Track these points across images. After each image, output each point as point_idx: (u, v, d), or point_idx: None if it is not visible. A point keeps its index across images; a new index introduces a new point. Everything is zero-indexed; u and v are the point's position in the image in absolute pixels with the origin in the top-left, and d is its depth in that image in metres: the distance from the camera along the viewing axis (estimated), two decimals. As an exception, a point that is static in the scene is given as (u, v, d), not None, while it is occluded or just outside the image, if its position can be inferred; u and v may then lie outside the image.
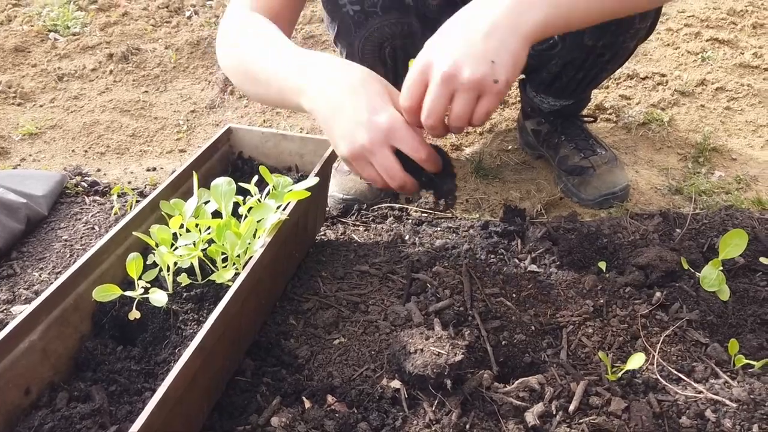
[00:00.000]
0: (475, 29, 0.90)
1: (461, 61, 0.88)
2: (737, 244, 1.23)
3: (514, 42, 0.90)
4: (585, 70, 1.53)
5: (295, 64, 1.06)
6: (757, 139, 1.98)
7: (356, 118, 0.96)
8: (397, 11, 1.37)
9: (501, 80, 0.89)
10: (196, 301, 1.09)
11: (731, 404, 1.00)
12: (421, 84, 0.93)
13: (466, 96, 0.90)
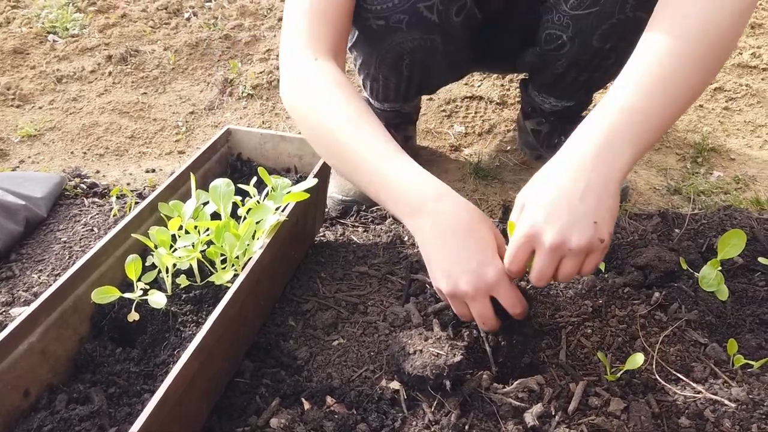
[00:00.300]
0: (571, 193, 0.92)
1: (567, 230, 0.91)
2: (735, 244, 1.23)
3: (609, 196, 0.93)
4: (589, 71, 1.53)
5: (409, 178, 1.05)
6: (755, 139, 1.98)
7: (465, 264, 0.98)
8: (422, 29, 1.36)
9: (605, 238, 0.93)
10: (195, 302, 1.09)
11: (730, 404, 1.00)
12: (528, 250, 0.96)
13: (575, 260, 0.94)
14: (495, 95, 2.26)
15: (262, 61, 2.53)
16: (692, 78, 0.97)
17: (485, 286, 0.98)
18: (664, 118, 0.97)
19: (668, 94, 0.96)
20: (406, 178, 1.05)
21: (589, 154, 0.93)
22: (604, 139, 0.94)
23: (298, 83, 1.18)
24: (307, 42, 1.19)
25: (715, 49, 0.98)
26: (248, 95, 2.32)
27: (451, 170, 1.92)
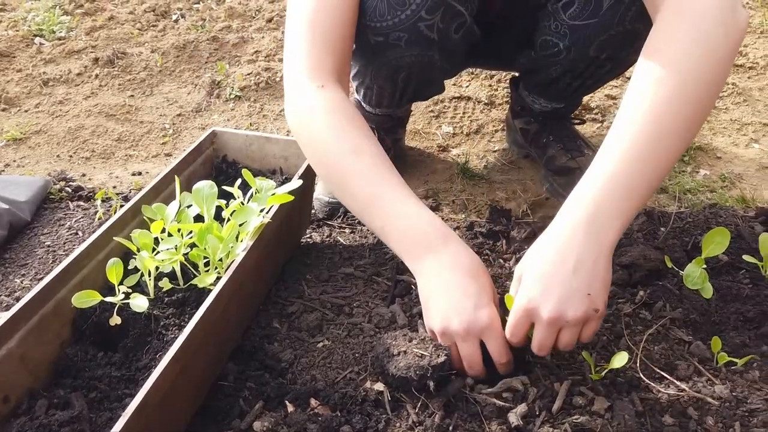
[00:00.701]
0: (564, 267, 0.96)
1: (563, 304, 0.95)
2: (720, 242, 1.23)
3: (600, 267, 0.96)
4: (583, 78, 1.54)
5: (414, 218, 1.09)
6: (741, 138, 1.99)
7: (461, 304, 1.02)
8: (421, 46, 1.35)
9: (600, 307, 0.97)
10: (178, 305, 1.09)
11: (714, 402, 1.00)
12: (527, 323, 0.99)
13: (574, 330, 0.97)
14: (483, 95, 2.26)
15: (250, 62, 2.52)
16: (678, 136, 0.99)
17: (477, 328, 1.01)
18: (650, 187, 1.00)
19: (656, 158, 0.99)
20: (414, 221, 1.09)
21: (578, 230, 0.97)
22: (593, 215, 0.97)
23: (302, 112, 1.19)
24: (310, 68, 1.19)
25: (700, 102, 1.00)
26: (236, 97, 2.32)
27: (439, 170, 1.92)
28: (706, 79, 0.99)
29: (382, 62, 1.41)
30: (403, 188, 1.12)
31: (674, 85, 0.98)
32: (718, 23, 0.99)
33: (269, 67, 2.45)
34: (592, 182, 1.00)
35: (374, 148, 1.15)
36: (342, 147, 1.14)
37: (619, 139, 1.00)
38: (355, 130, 1.16)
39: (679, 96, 0.99)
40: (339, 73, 1.23)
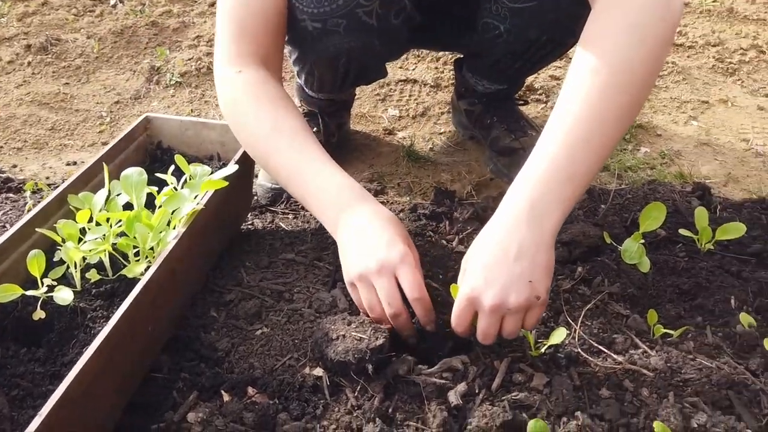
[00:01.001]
0: (506, 255, 0.96)
1: (504, 291, 0.95)
2: (656, 217, 1.25)
3: (542, 255, 0.97)
4: (524, 60, 1.54)
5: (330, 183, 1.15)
6: (681, 115, 2.02)
7: (374, 246, 1.05)
8: (360, 32, 1.33)
9: (542, 294, 0.97)
10: (107, 297, 1.05)
11: (648, 373, 1.01)
12: (470, 312, 1.00)
13: (516, 317, 0.98)
14: (429, 78, 2.25)
15: (191, 47, 2.46)
16: (615, 124, 1.01)
17: (391, 264, 1.03)
18: (589, 174, 1.01)
19: (594, 145, 1.00)
20: (330, 185, 1.14)
21: (521, 218, 0.98)
22: (534, 204, 0.98)
23: (226, 99, 1.25)
24: (229, 57, 1.25)
25: (636, 89, 1.01)
26: (176, 83, 2.26)
27: (385, 154, 1.90)
28: (641, 66, 1.00)
29: (322, 49, 1.38)
30: (320, 157, 1.17)
31: (610, 74, 0.99)
32: (653, 11, 1.00)
33: (211, 52, 2.38)
34: (533, 171, 1.00)
35: (293, 122, 1.19)
36: (262, 126, 1.19)
37: (557, 128, 1.01)
38: (273, 108, 1.20)
39: (615, 84, 1.00)
40: (262, 56, 1.26)
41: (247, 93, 1.22)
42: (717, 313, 1.15)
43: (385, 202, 1.66)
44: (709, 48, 2.36)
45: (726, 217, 1.42)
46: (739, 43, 2.37)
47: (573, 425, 0.93)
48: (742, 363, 1.04)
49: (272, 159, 1.19)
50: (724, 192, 1.65)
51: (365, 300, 1.05)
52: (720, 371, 1.02)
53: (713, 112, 2.04)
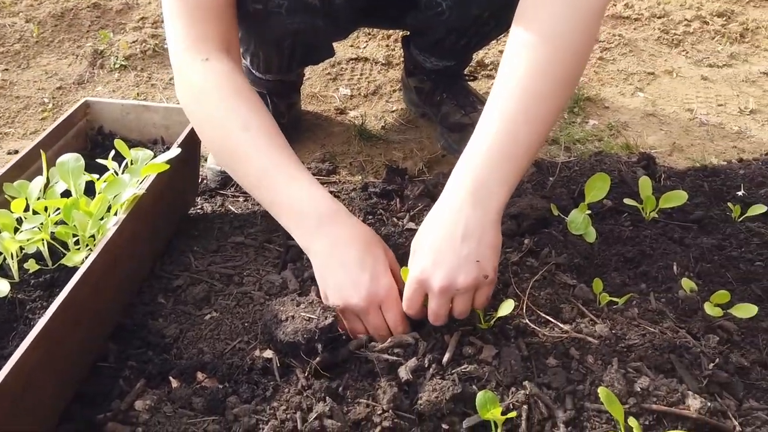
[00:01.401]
0: (453, 237, 0.98)
1: (452, 272, 0.96)
2: (601, 187, 1.27)
3: (489, 234, 0.99)
4: (468, 36, 1.54)
5: (305, 194, 1.09)
6: (628, 87, 2.05)
7: (358, 278, 1.03)
8: (303, 13, 1.30)
9: (490, 273, 0.99)
10: (46, 287, 1.02)
11: (593, 341, 1.03)
12: (421, 294, 1.01)
13: (466, 297, 1.00)
14: (380, 56, 2.24)
15: (135, 29, 2.39)
16: (553, 97, 1.02)
17: (377, 300, 1.03)
18: (531, 150, 1.02)
19: (533, 121, 1.01)
20: (304, 195, 1.09)
21: (466, 200, 0.99)
22: (478, 184, 0.99)
23: (190, 90, 1.16)
24: (192, 41, 1.15)
25: (571, 62, 1.02)
26: (121, 66, 2.20)
27: (336, 133, 1.89)
28: (575, 38, 1.02)
29: (265, 30, 1.35)
30: (293, 163, 1.12)
31: (545, 50, 1.01)
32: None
33: (156, 34, 2.33)
34: (475, 151, 1.01)
35: (264, 121, 1.13)
36: (231, 124, 1.12)
37: (497, 107, 1.02)
38: (244, 105, 1.13)
39: (550, 59, 1.01)
40: (224, 42, 1.19)
41: (215, 85, 1.14)
42: (660, 279, 1.18)
43: (337, 181, 1.65)
44: (654, 20, 2.39)
45: (670, 185, 1.45)
46: (684, 15, 2.41)
47: (521, 395, 0.94)
48: (684, 327, 1.07)
49: (240, 159, 1.12)
50: (669, 161, 1.69)
51: (351, 327, 1.07)
52: (663, 336, 1.04)
53: (659, 83, 2.08)
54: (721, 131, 1.84)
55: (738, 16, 2.44)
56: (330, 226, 1.07)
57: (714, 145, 1.78)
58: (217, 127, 1.14)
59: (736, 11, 2.46)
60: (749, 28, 2.37)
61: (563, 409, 0.94)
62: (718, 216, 1.35)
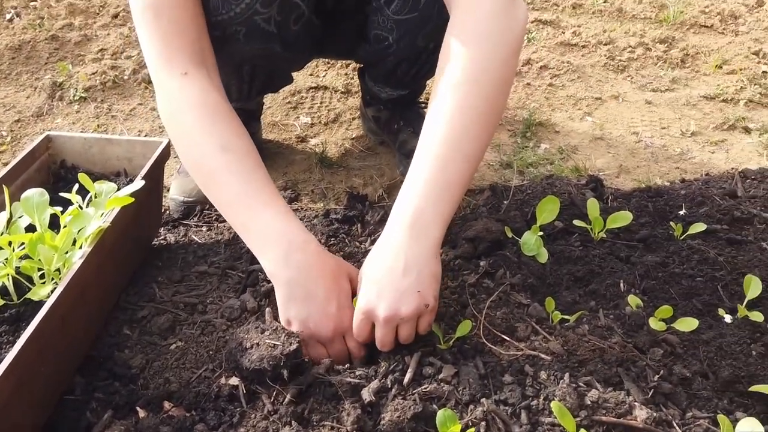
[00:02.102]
0: (394, 270, 1.04)
1: (395, 303, 1.03)
2: (551, 209, 1.34)
3: (428, 265, 1.05)
4: (418, 65, 1.60)
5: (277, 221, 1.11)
6: (577, 112, 2.14)
7: (324, 307, 1.09)
8: (260, 39, 1.35)
9: (431, 302, 1.05)
10: (12, 322, 1.03)
11: (546, 357, 1.09)
12: (368, 324, 1.07)
13: (409, 324, 1.05)
14: (339, 84, 2.29)
15: (95, 61, 2.40)
16: (479, 130, 1.10)
17: (342, 329, 1.10)
18: (463, 182, 1.10)
19: (463, 154, 1.09)
20: (275, 223, 1.11)
21: (405, 234, 1.06)
22: (416, 219, 1.06)
23: (169, 106, 1.17)
24: (168, 57, 1.17)
25: (494, 96, 1.11)
26: (81, 98, 2.20)
27: (297, 161, 1.93)
28: (495, 74, 1.10)
29: (224, 56, 1.39)
30: (268, 188, 1.14)
31: (468, 88, 1.09)
32: (498, 23, 1.10)
33: (116, 66, 2.35)
34: (411, 188, 1.08)
35: (242, 143, 1.16)
36: (209, 144, 1.13)
37: (428, 146, 1.09)
38: (223, 125, 1.16)
39: (474, 96, 1.09)
40: (199, 52, 1.21)
41: (193, 103, 1.15)
42: (608, 296, 1.24)
43: (299, 209, 1.68)
44: (600, 47, 2.51)
45: (617, 206, 1.53)
46: (628, 41, 2.53)
47: (479, 411, 0.98)
48: (631, 341, 1.13)
49: (215, 181, 1.13)
50: (616, 183, 1.77)
51: (314, 353, 1.11)
52: (611, 350, 1.10)
53: (606, 107, 2.18)
54: (664, 153, 1.94)
55: (678, 42, 2.57)
56: (299, 255, 1.09)
57: (658, 167, 1.87)
58: (193, 146, 1.15)
59: (676, 38, 2.59)
60: (689, 54, 2.50)
61: (519, 424, 0.98)
62: (662, 235, 1.42)
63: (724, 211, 1.51)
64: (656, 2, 2.86)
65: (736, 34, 2.66)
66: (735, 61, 2.46)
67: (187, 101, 1.16)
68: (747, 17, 2.78)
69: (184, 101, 1.16)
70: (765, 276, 1.28)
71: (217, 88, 1.21)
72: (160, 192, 1.48)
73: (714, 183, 1.69)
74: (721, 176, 1.75)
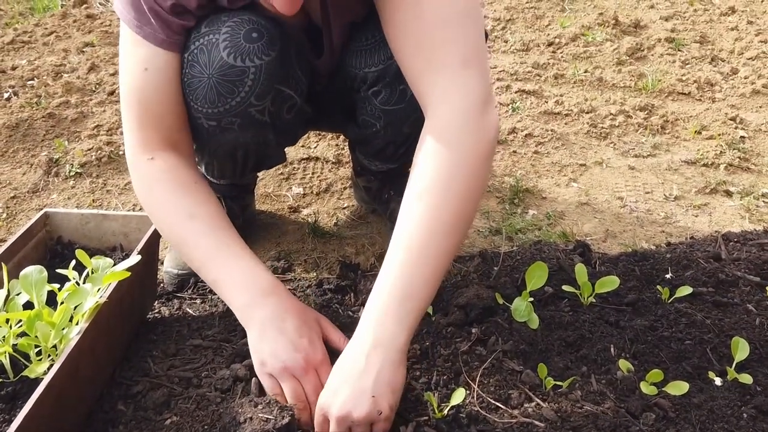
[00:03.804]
0: (353, 373, 1.06)
1: (348, 404, 1.04)
2: (540, 275, 1.37)
3: (387, 372, 1.06)
4: (406, 146, 1.65)
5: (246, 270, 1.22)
6: (562, 178, 2.20)
7: (297, 342, 1.15)
8: (254, 129, 1.41)
9: (384, 410, 1.04)
10: (8, 400, 1.03)
11: (540, 424, 1.09)
12: (325, 421, 1.07)
13: (362, 428, 1.05)
14: (330, 155, 2.35)
15: (90, 137, 2.46)
16: (446, 238, 1.13)
17: (315, 362, 1.14)
18: (428, 288, 1.13)
19: (428, 262, 1.12)
20: (244, 273, 1.21)
21: (368, 341, 1.08)
22: (379, 326, 1.09)
23: (139, 185, 1.30)
24: (138, 143, 1.29)
25: (461, 206, 1.14)
26: (76, 174, 2.24)
27: (290, 231, 1.96)
28: (460, 185, 1.14)
29: (219, 143, 1.44)
30: (236, 244, 1.24)
31: (436, 199, 1.13)
32: (467, 133, 1.14)
33: (111, 141, 2.40)
34: (376, 297, 1.12)
35: (208, 209, 1.26)
36: (177, 214, 1.25)
37: (395, 255, 1.13)
38: (188, 196, 1.27)
39: (441, 205, 1.13)
40: (170, 142, 1.32)
41: (161, 180, 1.27)
42: (599, 361, 1.26)
43: (293, 279, 1.70)
44: (583, 115, 2.60)
45: (604, 270, 1.56)
46: (609, 110, 2.62)
47: (476, 482, 0.99)
48: (623, 406, 1.14)
49: (187, 245, 1.25)
50: (603, 247, 1.81)
51: (291, 392, 1.12)
52: (604, 416, 1.11)
53: (591, 173, 2.24)
54: (649, 217, 1.99)
55: (658, 109, 2.66)
56: (269, 298, 1.19)
57: (644, 231, 1.91)
58: (164, 217, 1.27)
59: (656, 105, 2.69)
60: (669, 120, 2.59)
61: (516, 494, 0.98)
62: (650, 298, 1.45)
63: (709, 274, 1.54)
64: (635, 71, 2.97)
65: (713, 101, 2.77)
66: (713, 126, 2.55)
67: (156, 178, 1.28)
68: (723, 84, 2.89)
69: (153, 179, 1.28)
70: (752, 338, 1.30)
71: (185, 166, 1.31)
72: (155, 266, 1.50)
73: (698, 246, 1.73)
74: (705, 239, 1.79)
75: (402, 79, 1.32)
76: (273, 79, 1.33)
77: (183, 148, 1.35)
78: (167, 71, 1.29)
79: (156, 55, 1.27)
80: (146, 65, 1.27)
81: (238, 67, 1.28)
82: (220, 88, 1.29)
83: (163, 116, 1.30)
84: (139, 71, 1.27)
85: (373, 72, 1.42)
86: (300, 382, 1.12)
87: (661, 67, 3.05)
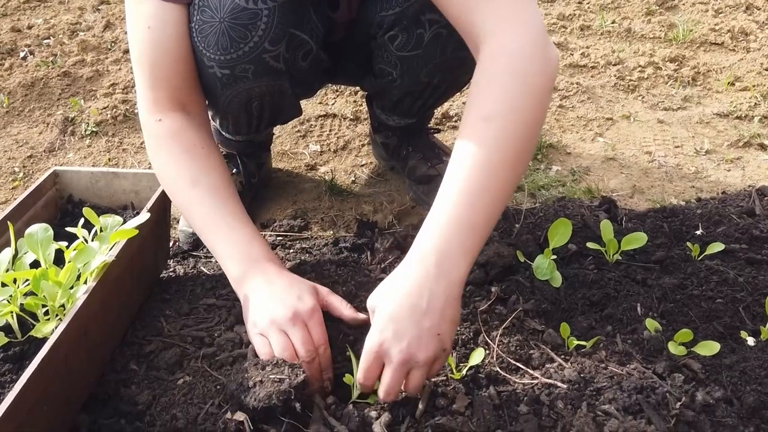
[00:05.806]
0: (415, 309, 0.97)
1: (414, 345, 0.96)
2: (563, 232, 1.31)
3: (450, 308, 1.00)
4: (424, 98, 1.60)
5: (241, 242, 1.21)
6: (588, 133, 2.12)
7: (284, 295, 1.13)
8: (269, 76, 1.36)
9: (448, 346, 1.01)
10: (16, 360, 1.02)
11: (563, 386, 1.05)
12: (378, 366, 1.00)
13: (422, 371, 0.99)
14: (348, 112, 2.29)
15: (106, 96, 2.42)
16: (508, 168, 1.05)
17: (304, 312, 1.10)
18: (490, 220, 1.05)
19: (491, 192, 1.03)
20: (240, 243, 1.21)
21: (429, 272, 0.99)
22: (441, 256, 0.99)
23: (149, 146, 1.30)
24: (148, 104, 1.28)
25: (524, 134, 1.06)
26: (92, 133, 2.22)
27: (307, 189, 1.92)
28: (528, 113, 1.06)
29: (233, 94, 1.40)
30: (235, 215, 1.24)
31: (499, 124, 1.04)
32: (533, 62, 1.06)
33: (127, 99, 2.37)
34: (437, 223, 1.02)
35: (211, 177, 1.25)
36: (180, 180, 1.25)
37: (455, 181, 1.04)
38: (193, 161, 1.25)
39: (504, 133, 1.04)
40: (179, 103, 1.29)
41: (167, 144, 1.27)
42: (625, 321, 1.21)
43: (310, 237, 1.67)
44: (610, 67, 2.49)
45: (631, 227, 1.49)
46: (638, 61, 2.51)
47: (494, 444, 0.95)
48: (650, 367, 1.09)
49: (189, 212, 1.25)
50: (630, 204, 1.74)
51: (278, 344, 1.07)
52: (630, 377, 1.06)
53: (617, 128, 2.15)
54: (679, 172, 1.90)
55: (689, 60, 2.54)
56: (261, 266, 1.18)
57: (673, 186, 1.84)
58: (169, 182, 1.28)
59: (687, 56, 2.57)
60: (700, 72, 2.47)
61: (536, 457, 0.95)
62: (679, 256, 1.39)
63: (743, 230, 1.47)
64: (665, 21, 2.84)
65: (748, 51, 2.64)
66: (747, 77, 2.43)
67: (162, 141, 1.27)
68: (758, 33, 2.75)
69: (161, 141, 1.27)
70: (788, 296, 1.24)
71: (195, 127, 1.29)
72: (167, 224, 1.47)
73: (731, 201, 1.65)
74: (737, 194, 1.71)
75: (419, 24, 1.25)
76: (287, 22, 1.28)
77: (192, 109, 1.32)
78: (173, 27, 1.25)
79: (160, 10, 1.23)
80: (150, 22, 1.23)
81: (251, 10, 1.23)
82: (233, 33, 1.24)
83: (169, 77, 1.28)
84: (143, 29, 1.24)
85: (390, 15, 1.36)
86: (287, 335, 1.08)
87: (692, 17, 2.91)
